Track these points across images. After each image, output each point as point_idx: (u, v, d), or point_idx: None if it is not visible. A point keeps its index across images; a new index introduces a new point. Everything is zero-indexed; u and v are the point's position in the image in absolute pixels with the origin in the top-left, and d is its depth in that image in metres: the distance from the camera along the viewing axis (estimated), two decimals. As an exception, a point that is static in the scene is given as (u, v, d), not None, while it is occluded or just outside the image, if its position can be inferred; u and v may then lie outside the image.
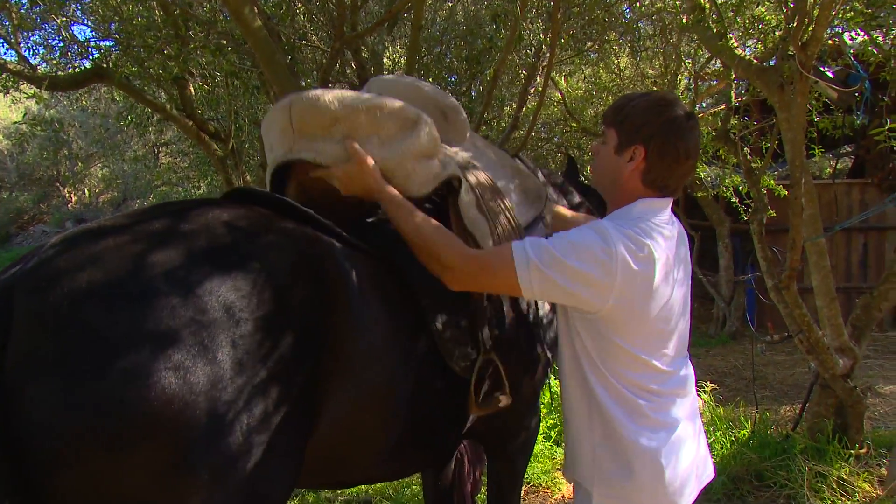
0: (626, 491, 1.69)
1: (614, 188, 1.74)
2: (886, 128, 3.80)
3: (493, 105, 7.13)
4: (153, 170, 11.15)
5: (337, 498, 4.33)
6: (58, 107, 13.12)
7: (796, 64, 3.13)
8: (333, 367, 1.50)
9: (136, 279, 1.20)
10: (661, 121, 1.64)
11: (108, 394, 1.10)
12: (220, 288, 1.26)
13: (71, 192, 22.00)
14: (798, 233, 3.58)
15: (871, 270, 8.89)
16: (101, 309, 1.15)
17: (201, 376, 1.18)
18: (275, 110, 1.87)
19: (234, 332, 1.25)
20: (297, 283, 1.43)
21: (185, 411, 1.15)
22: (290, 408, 1.35)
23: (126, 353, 1.12)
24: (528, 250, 1.59)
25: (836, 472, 3.78)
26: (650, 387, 1.69)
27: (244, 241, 1.42)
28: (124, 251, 1.25)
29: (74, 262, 1.21)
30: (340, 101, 1.79)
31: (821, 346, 3.90)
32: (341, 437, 1.62)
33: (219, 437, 1.20)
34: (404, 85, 2.20)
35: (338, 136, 1.79)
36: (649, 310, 1.62)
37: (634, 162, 1.66)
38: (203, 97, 6.19)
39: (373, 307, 1.66)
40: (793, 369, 7.10)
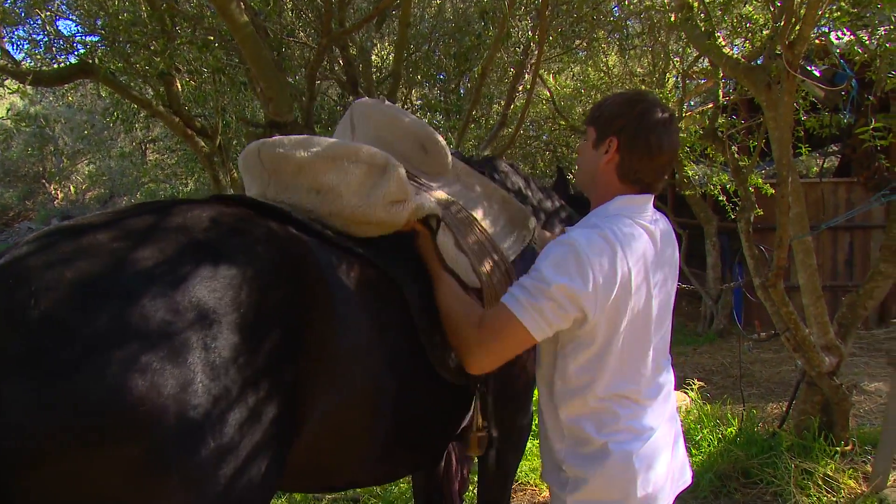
0: (599, 495, 1.67)
1: (593, 183, 1.75)
2: (871, 126, 3.82)
3: (481, 103, 7.13)
4: (140, 167, 11.09)
5: (325, 496, 4.31)
6: (43, 103, 13.02)
7: (783, 63, 3.14)
8: (315, 368, 1.47)
9: (107, 278, 1.18)
10: (633, 113, 1.66)
11: (78, 394, 1.08)
12: (193, 288, 1.24)
13: (57, 189, 21.82)
14: (785, 231, 3.59)
15: (857, 269, 8.96)
16: (72, 308, 1.13)
17: (170, 378, 1.15)
18: (246, 154, 1.86)
19: (207, 333, 1.22)
20: (275, 283, 1.40)
21: (155, 414, 1.12)
22: (269, 410, 1.32)
23: (96, 353, 1.10)
24: (518, 295, 1.58)
25: (821, 469, 3.81)
26: (625, 394, 1.67)
27: (221, 240, 1.38)
28: (97, 250, 1.23)
29: (47, 260, 1.18)
30: (305, 148, 1.76)
31: (807, 344, 3.92)
32: (327, 441, 1.59)
33: (192, 440, 1.17)
34: (384, 115, 2.17)
35: (305, 186, 1.76)
36: (629, 310, 1.60)
37: (609, 154, 1.67)
38: (190, 93, 6.15)
39: (356, 308, 1.63)
40: (779, 367, 7.14)
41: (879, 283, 4.16)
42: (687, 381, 5.83)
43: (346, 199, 1.74)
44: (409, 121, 2.18)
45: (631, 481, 1.64)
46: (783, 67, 3.18)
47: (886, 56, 3.72)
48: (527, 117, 7.72)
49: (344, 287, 1.62)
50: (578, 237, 1.58)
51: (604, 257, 1.55)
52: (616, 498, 1.66)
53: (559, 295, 1.53)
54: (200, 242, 1.35)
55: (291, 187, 1.78)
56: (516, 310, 1.56)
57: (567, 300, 1.53)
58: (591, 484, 1.66)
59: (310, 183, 1.77)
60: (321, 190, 1.76)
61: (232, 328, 1.26)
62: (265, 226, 1.50)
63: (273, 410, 1.33)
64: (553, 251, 1.59)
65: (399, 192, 1.79)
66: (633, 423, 1.67)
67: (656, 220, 1.74)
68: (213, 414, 1.20)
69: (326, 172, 1.75)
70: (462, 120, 5.63)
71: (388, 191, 1.76)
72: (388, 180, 1.77)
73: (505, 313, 1.58)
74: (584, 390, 1.66)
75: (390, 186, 1.77)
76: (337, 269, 1.63)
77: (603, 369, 1.64)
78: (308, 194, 1.76)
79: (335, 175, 1.76)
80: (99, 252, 1.22)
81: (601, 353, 1.62)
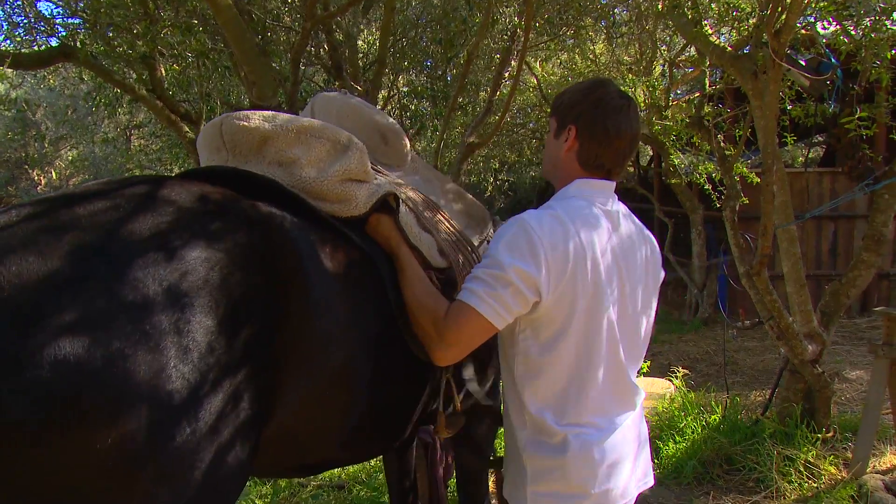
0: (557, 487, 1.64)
1: (556, 173, 1.75)
2: (857, 116, 3.84)
3: (468, 90, 7.10)
4: (124, 152, 10.97)
5: (310, 482, 4.31)
6: (24, 87, 12.85)
7: (769, 52, 3.14)
8: (289, 352, 1.44)
9: (71, 260, 1.13)
10: (590, 100, 1.67)
11: (39, 384, 1.02)
12: (163, 271, 1.19)
13: (40, 175, 21.57)
14: (769, 219, 3.61)
15: (841, 258, 9.03)
16: (33, 292, 1.07)
17: (142, 364, 1.10)
18: (206, 129, 1.83)
19: (180, 317, 1.18)
20: (248, 265, 1.35)
21: (125, 402, 1.08)
22: (242, 396, 1.29)
23: (60, 340, 1.04)
24: (474, 288, 1.56)
25: (803, 456, 3.85)
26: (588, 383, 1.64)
27: (192, 221, 1.33)
28: (60, 231, 1.17)
29: (7, 243, 1.12)
30: (270, 122, 1.76)
31: (790, 332, 3.95)
32: (299, 423, 1.57)
33: (163, 428, 1.13)
34: (346, 105, 2.18)
35: (268, 158, 1.76)
36: (585, 289, 1.58)
37: (568, 142, 1.68)
38: (174, 78, 6.08)
39: (334, 289, 1.60)
40: (763, 355, 7.20)
41: (862, 271, 4.19)
42: (671, 369, 5.86)
43: (305, 172, 1.74)
44: (371, 111, 2.19)
45: (591, 476, 1.62)
46: (769, 56, 3.18)
47: (871, 46, 3.73)
48: (513, 105, 7.69)
49: (322, 268, 1.59)
50: (529, 217, 1.57)
51: (556, 236, 1.54)
52: (574, 491, 1.63)
53: (515, 278, 1.51)
54: (169, 224, 1.29)
55: (253, 160, 1.75)
56: (475, 303, 1.54)
57: (523, 283, 1.51)
58: (550, 475, 1.64)
59: (274, 155, 1.75)
60: (284, 163, 1.75)
61: (205, 312, 1.22)
62: (237, 206, 1.46)
63: (248, 395, 1.31)
64: (505, 233, 1.58)
65: (359, 171, 1.79)
66: (595, 417, 1.65)
67: (618, 211, 1.72)
68: (186, 400, 1.16)
69: (292, 146, 1.75)
70: (448, 107, 5.60)
71: (347, 167, 1.76)
72: (349, 158, 1.77)
73: (464, 308, 1.56)
74: (545, 374, 1.63)
75: (350, 163, 1.77)
76: (315, 250, 1.59)
77: (562, 352, 1.61)
78: (269, 167, 1.74)
79: (299, 149, 1.76)
80: (60, 234, 1.16)
81: (559, 334, 1.60)
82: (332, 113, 2.10)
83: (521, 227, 1.56)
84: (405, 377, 1.89)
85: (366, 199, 1.79)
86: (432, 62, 7.10)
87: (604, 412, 1.67)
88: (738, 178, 4.90)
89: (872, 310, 8.08)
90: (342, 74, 4.61)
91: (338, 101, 2.22)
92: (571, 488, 1.63)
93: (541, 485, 1.65)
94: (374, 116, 2.18)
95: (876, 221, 4.11)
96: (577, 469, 1.62)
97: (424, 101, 7.41)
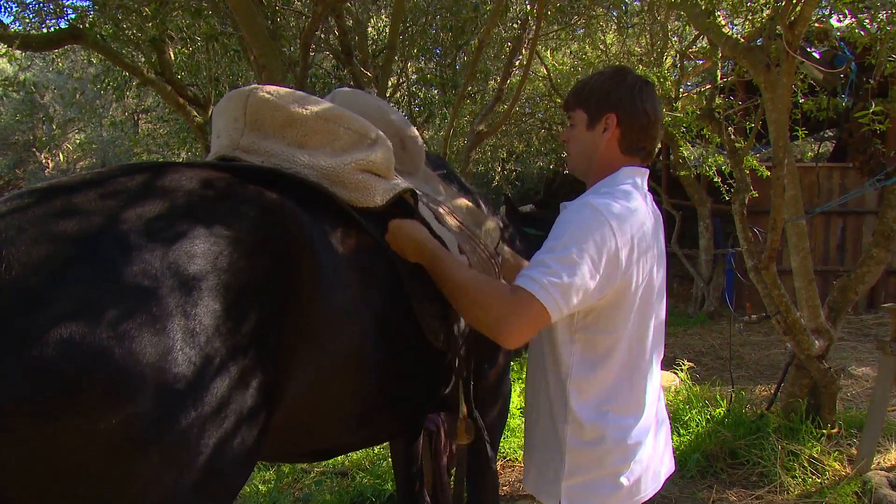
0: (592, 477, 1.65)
1: (593, 165, 1.72)
2: (871, 110, 3.80)
3: (477, 78, 7.06)
4: (132, 136, 10.97)
5: (313, 469, 4.33)
6: (33, 69, 12.85)
7: (783, 44, 3.11)
8: (298, 337, 1.44)
9: (80, 242, 1.13)
10: (624, 86, 1.67)
11: (46, 364, 1.02)
12: (172, 253, 1.19)
13: (48, 158, 21.61)
14: (779, 213, 3.58)
15: (849, 254, 8.99)
16: (42, 272, 1.08)
17: (148, 347, 1.10)
18: (230, 95, 1.81)
19: (187, 300, 1.17)
20: (258, 249, 1.35)
21: (131, 384, 1.08)
22: (250, 381, 1.29)
23: (67, 321, 1.05)
24: (535, 275, 1.50)
25: (807, 451, 3.84)
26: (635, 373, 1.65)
27: (204, 205, 1.33)
28: (70, 213, 1.17)
29: (17, 224, 1.13)
30: (301, 104, 1.74)
31: (797, 327, 3.93)
32: (309, 408, 1.57)
33: (168, 412, 1.13)
34: (371, 105, 2.16)
35: (289, 139, 1.74)
36: (639, 278, 1.58)
37: (609, 130, 1.67)
38: (183, 62, 6.06)
39: (342, 276, 1.60)
40: (769, 350, 7.18)
41: (871, 267, 4.16)
42: (677, 362, 5.85)
43: (325, 158, 1.73)
44: (394, 115, 2.18)
45: (625, 468, 1.63)
46: (783, 48, 3.15)
47: (887, 39, 3.69)
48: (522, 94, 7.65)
49: (332, 255, 1.58)
50: (598, 205, 1.54)
51: (623, 225, 1.52)
52: (609, 482, 1.64)
53: (586, 268, 1.47)
54: (182, 207, 1.30)
55: (272, 137, 1.74)
56: (540, 295, 1.47)
57: (589, 274, 1.48)
58: (589, 466, 1.65)
59: (296, 137, 1.75)
60: (306, 146, 1.75)
61: (213, 295, 1.22)
62: (247, 190, 1.45)
63: (256, 380, 1.30)
64: (575, 219, 1.54)
65: (382, 167, 1.79)
66: (639, 407, 1.66)
67: (647, 196, 1.72)
68: (193, 383, 1.16)
69: (318, 132, 1.75)
70: (457, 95, 5.58)
71: (371, 160, 1.76)
72: (374, 152, 1.77)
73: (527, 297, 1.48)
74: (600, 368, 1.62)
75: (375, 157, 1.77)
76: (327, 236, 1.59)
77: (619, 345, 1.61)
78: (289, 148, 1.73)
79: (324, 137, 1.76)
80: (70, 216, 1.17)
81: (618, 327, 1.59)
82: (353, 109, 2.10)
83: (593, 215, 1.52)
84: (414, 364, 1.89)
85: (383, 192, 1.79)
86: (442, 50, 7.06)
87: (644, 401, 1.68)
88: (748, 171, 4.87)
89: (880, 306, 8.05)
90: (352, 60, 4.58)
91: (362, 98, 2.20)
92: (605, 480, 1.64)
93: (577, 477, 1.66)
94: (396, 122, 2.16)
95: (886, 217, 4.07)
96: (613, 458, 1.63)
97: (433, 89, 7.38)
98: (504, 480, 4.00)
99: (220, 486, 1.28)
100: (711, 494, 3.65)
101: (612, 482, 1.65)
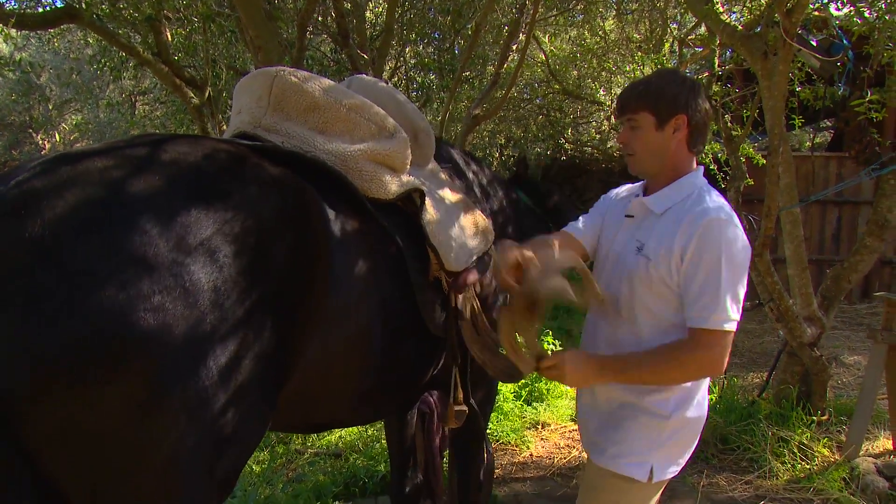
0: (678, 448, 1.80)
1: (664, 164, 1.79)
2: (868, 99, 3.80)
3: (475, 63, 7.04)
4: (129, 118, 10.92)
5: (307, 450, 4.35)
6: (29, 49, 12.77)
7: (781, 31, 3.11)
8: (311, 316, 1.50)
9: (113, 212, 1.17)
10: (688, 88, 1.75)
11: (79, 329, 1.07)
12: (203, 228, 1.24)
13: (44, 139, 21.51)
14: (773, 200, 3.60)
15: (844, 244, 9.01)
16: (78, 241, 1.12)
17: (178, 316, 1.16)
18: (256, 74, 1.84)
19: (215, 273, 1.23)
20: (280, 229, 1.41)
21: (160, 350, 1.13)
22: (266, 354, 1.35)
23: (100, 289, 1.09)
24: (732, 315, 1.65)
25: (797, 438, 3.88)
26: None
27: (230, 182, 1.38)
28: (104, 182, 1.21)
29: (46, 188, 1.16)
30: (326, 92, 1.79)
31: (790, 315, 3.95)
32: (315, 384, 1.63)
33: (193, 377, 1.19)
34: (386, 95, 2.18)
35: (311, 123, 1.78)
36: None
37: (680, 131, 1.75)
38: (180, 43, 6.03)
39: (354, 260, 1.66)
40: (762, 338, 7.21)
41: (864, 256, 4.18)
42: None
43: (343, 146, 1.78)
44: (409, 108, 2.20)
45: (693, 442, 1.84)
46: (780, 36, 3.14)
47: (885, 28, 3.68)
48: (520, 80, 7.63)
49: (345, 239, 1.64)
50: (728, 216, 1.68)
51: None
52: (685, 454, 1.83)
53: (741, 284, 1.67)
54: (209, 183, 1.35)
55: (294, 120, 1.78)
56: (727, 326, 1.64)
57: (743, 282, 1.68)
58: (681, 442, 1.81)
59: (317, 123, 1.79)
60: (326, 132, 1.79)
61: (239, 270, 1.28)
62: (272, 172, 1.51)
63: (269, 354, 1.36)
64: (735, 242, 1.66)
65: (397, 159, 1.85)
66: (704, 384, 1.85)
67: None
68: (216, 353, 1.22)
69: (339, 120, 1.80)
70: (454, 80, 5.56)
71: (387, 152, 1.82)
72: (390, 144, 1.83)
73: (725, 336, 1.64)
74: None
75: (391, 149, 1.83)
76: (341, 220, 1.65)
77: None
78: (310, 132, 1.78)
79: (345, 125, 1.81)
80: (104, 185, 1.20)
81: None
82: (369, 98, 2.11)
83: (735, 233, 1.67)
84: (413, 347, 1.95)
85: (397, 187, 1.85)
86: (440, 34, 7.03)
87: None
88: (744, 159, 4.88)
89: (873, 295, 8.09)
90: (349, 43, 4.56)
91: (379, 88, 2.22)
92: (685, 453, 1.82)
93: (664, 449, 1.78)
94: (411, 114, 2.18)
95: (881, 206, 4.09)
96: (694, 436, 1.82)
97: (431, 74, 7.36)
98: (498, 463, 4.03)
99: (238, 447, 1.34)
100: (702, 479, 3.69)
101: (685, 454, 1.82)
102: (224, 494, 1.37)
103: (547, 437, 4.52)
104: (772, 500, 3.48)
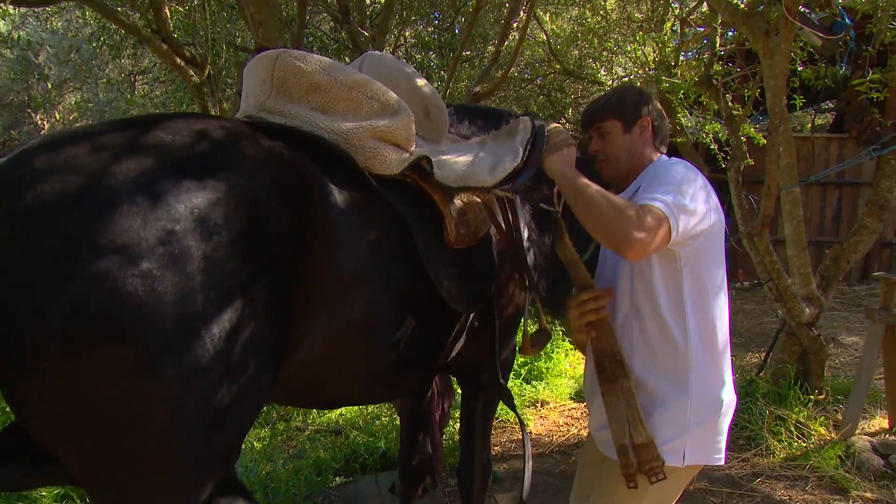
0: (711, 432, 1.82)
1: (632, 162, 1.99)
2: (869, 79, 3.79)
3: (475, 43, 7.00)
4: (128, 97, 10.87)
5: (308, 427, 4.39)
6: (27, 28, 12.69)
7: (782, 8, 3.10)
8: (312, 289, 1.50)
9: (108, 184, 1.18)
10: (644, 96, 2.02)
11: (74, 298, 1.09)
12: (194, 199, 1.24)
13: (43, 119, 21.42)
14: (773, 180, 3.60)
15: (844, 225, 9.02)
16: (72, 212, 1.13)
17: (170, 286, 1.16)
18: (260, 58, 1.86)
19: (207, 244, 1.23)
20: (277, 201, 1.41)
21: (153, 320, 1.14)
22: (263, 327, 1.35)
23: (94, 259, 1.11)
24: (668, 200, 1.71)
25: (794, 416, 3.91)
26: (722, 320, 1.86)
27: (224, 154, 1.39)
28: (97, 156, 1.23)
29: (48, 164, 1.18)
30: (327, 72, 1.80)
31: (788, 294, 3.97)
32: (322, 361, 1.63)
33: (187, 349, 1.20)
34: (397, 69, 2.18)
35: (313, 104, 1.80)
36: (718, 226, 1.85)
37: (646, 132, 1.98)
38: (179, 21, 5.99)
39: (356, 233, 1.65)
40: (761, 318, 7.25)
41: (864, 237, 4.19)
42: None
43: (346, 124, 1.79)
44: (420, 82, 2.21)
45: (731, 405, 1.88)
46: (782, 14, 3.13)
47: (888, 7, 3.66)
48: (521, 59, 7.58)
49: (345, 212, 1.63)
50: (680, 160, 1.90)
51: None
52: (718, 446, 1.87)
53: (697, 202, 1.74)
54: (202, 156, 1.35)
55: (297, 101, 1.80)
56: (671, 217, 1.68)
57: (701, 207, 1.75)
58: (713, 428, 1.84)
59: (319, 103, 1.80)
60: (328, 112, 1.80)
61: (232, 241, 1.28)
62: (268, 144, 1.51)
63: (267, 327, 1.36)
64: (672, 170, 1.82)
65: (402, 136, 1.85)
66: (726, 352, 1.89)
67: None
68: (210, 325, 1.22)
69: (342, 100, 1.81)
70: (453, 59, 5.53)
71: (391, 129, 1.82)
72: (394, 120, 1.84)
73: (660, 217, 1.68)
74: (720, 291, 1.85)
75: (395, 126, 1.83)
76: (342, 196, 1.64)
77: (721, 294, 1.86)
78: (312, 112, 1.79)
79: (347, 104, 1.82)
80: (98, 159, 1.22)
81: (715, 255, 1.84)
82: (381, 74, 2.11)
83: (686, 167, 1.84)
84: (426, 327, 1.94)
85: (399, 162, 1.84)
86: (440, 14, 6.99)
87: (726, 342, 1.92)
88: (745, 138, 4.87)
89: (872, 275, 8.11)
90: (349, 19, 4.54)
91: (388, 62, 2.22)
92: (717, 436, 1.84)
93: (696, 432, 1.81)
94: (422, 88, 2.19)
95: (881, 187, 4.09)
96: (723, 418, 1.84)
97: (431, 52, 7.32)
98: (497, 441, 4.07)
99: (236, 419, 1.35)
100: (698, 456, 3.72)
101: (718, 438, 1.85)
102: (226, 466, 1.38)
103: (546, 415, 4.55)
104: (768, 478, 3.52)
